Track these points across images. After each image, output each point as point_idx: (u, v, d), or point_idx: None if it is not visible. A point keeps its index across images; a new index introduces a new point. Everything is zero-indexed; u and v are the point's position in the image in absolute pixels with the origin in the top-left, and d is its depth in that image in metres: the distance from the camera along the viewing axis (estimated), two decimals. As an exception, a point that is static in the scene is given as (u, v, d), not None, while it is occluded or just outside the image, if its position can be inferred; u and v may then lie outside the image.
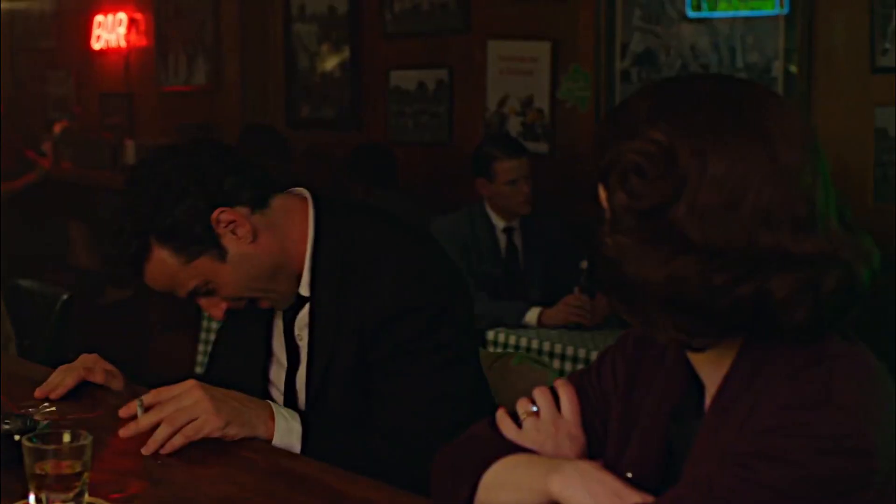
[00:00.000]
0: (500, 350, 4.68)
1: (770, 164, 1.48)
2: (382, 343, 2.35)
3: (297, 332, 2.47)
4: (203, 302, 2.39)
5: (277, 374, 2.53)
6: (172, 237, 2.30)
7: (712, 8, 5.21)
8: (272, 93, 7.67)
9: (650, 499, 1.58)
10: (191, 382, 2.24)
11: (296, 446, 2.25)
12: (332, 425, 2.34)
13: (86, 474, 1.84)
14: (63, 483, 1.82)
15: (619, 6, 5.59)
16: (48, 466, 1.82)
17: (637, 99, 1.57)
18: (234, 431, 2.20)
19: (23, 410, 2.31)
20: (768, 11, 5.01)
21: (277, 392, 2.53)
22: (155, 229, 2.30)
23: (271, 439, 2.24)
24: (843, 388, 1.47)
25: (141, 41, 8.41)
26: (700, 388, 1.67)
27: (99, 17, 8.64)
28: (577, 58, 5.82)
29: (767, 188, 1.47)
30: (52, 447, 1.82)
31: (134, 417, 2.21)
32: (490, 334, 4.92)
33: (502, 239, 5.26)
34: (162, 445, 2.15)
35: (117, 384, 2.55)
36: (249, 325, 2.53)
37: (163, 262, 2.32)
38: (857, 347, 1.55)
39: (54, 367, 2.58)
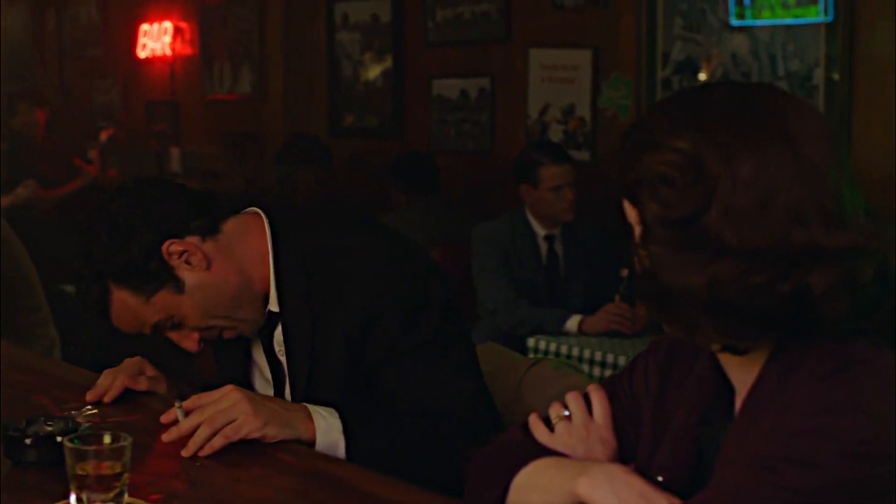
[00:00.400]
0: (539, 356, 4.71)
1: (796, 162, 1.50)
2: (373, 346, 2.36)
3: (276, 348, 2.49)
4: (173, 336, 2.41)
5: (264, 391, 2.55)
6: (128, 277, 2.34)
7: (756, 16, 5.20)
8: (315, 101, 7.72)
9: (678, 502, 1.60)
10: (229, 387, 2.27)
11: (339, 442, 2.27)
12: (369, 415, 2.35)
13: (125, 475, 1.88)
14: (103, 483, 1.85)
15: (660, 15, 5.60)
16: (89, 467, 1.86)
17: (656, 112, 1.60)
18: (273, 432, 2.22)
19: (65, 413, 2.35)
20: (812, 19, 5.00)
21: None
22: (110, 273, 2.34)
23: (313, 440, 2.26)
24: (869, 393, 1.49)
25: (186, 50, 8.48)
26: (731, 392, 1.69)
27: (145, 27, 8.72)
28: (618, 66, 5.83)
29: (796, 186, 1.50)
30: (92, 448, 1.86)
31: (175, 423, 2.24)
32: (531, 341, 4.94)
33: (543, 246, 5.28)
34: (202, 447, 2.18)
35: (161, 388, 2.59)
36: (230, 343, 2.53)
37: (124, 303, 2.36)
38: (884, 353, 1.56)
39: (99, 371, 2.62)
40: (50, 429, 2.16)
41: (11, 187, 7.30)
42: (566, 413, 1.85)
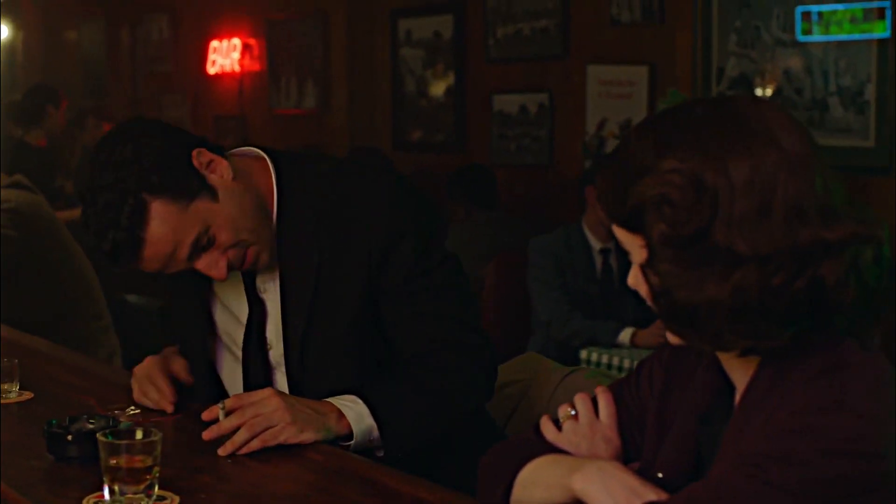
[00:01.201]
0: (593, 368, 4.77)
1: (784, 159, 1.56)
2: (392, 268, 2.45)
3: (259, 286, 2.53)
4: (204, 261, 2.37)
5: (233, 335, 2.59)
6: (167, 186, 2.30)
7: (823, 32, 5.23)
8: (379, 116, 7.84)
9: (665, 496, 1.66)
10: (269, 391, 2.34)
11: (373, 426, 2.35)
12: (388, 388, 2.43)
13: (156, 468, 1.98)
14: (134, 476, 1.96)
15: (715, 31, 5.64)
16: (122, 460, 1.96)
17: (639, 138, 1.64)
18: (307, 437, 2.30)
19: (109, 412, 2.45)
20: (879, 34, 5.01)
21: (231, 354, 2.61)
22: (148, 185, 2.29)
23: (350, 433, 2.33)
24: (855, 393, 1.54)
25: (254, 66, 8.64)
26: (732, 392, 1.75)
27: (214, 43, 8.89)
28: (674, 81, 5.88)
29: (790, 182, 1.55)
30: (124, 443, 1.97)
31: (215, 421, 2.33)
32: (583, 353, 5.01)
33: (598, 260, 5.33)
34: (239, 448, 2.27)
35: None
36: (188, 301, 2.60)
37: (163, 216, 2.30)
38: (874, 356, 1.62)
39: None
40: (91, 426, 2.26)
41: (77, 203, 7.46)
42: (573, 413, 1.92)
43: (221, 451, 2.25)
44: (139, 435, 2.00)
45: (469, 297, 2.59)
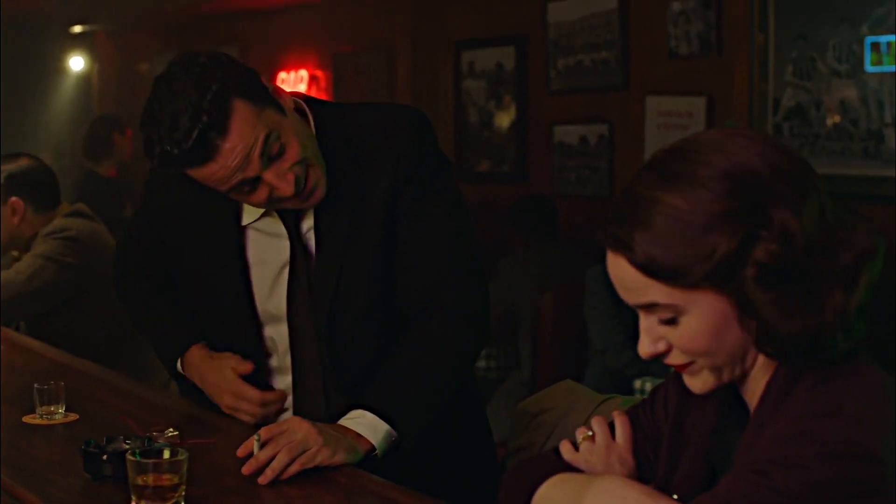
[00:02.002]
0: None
1: (818, 181, 1.68)
2: (412, 187, 2.56)
3: (304, 231, 2.62)
4: (273, 171, 2.42)
5: (276, 285, 2.67)
6: (242, 89, 2.37)
7: (892, 62, 5.24)
8: (442, 147, 7.88)
9: None
10: (296, 418, 2.42)
11: (390, 430, 2.44)
12: (384, 385, 2.52)
13: (182, 486, 2.06)
14: (160, 494, 2.03)
15: (771, 62, 5.66)
16: (149, 479, 2.04)
17: (647, 190, 1.67)
18: (340, 458, 2.36)
19: (148, 434, 2.53)
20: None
21: (276, 299, 2.68)
22: (229, 85, 2.34)
23: (374, 449, 2.42)
24: (854, 401, 1.59)
25: (321, 97, 8.74)
26: (746, 412, 1.78)
27: (282, 75, 9.03)
28: (731, 112, 5.90)
29: (829, 204, 1.66)
30: (151, 461, 2.04)
31: (250, 456, 2.37)
32: (637, 382, 5.02)
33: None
34: (279, 474, 2.31)
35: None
36: (217, 235, 2.69)
37: (243, 113, 2.35)
38: (869, 366, 1.67)
39: (197, 401, 2.82)
40: (127, 447, 2.34)
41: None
42: (590, 434, 1.97)
43: (262, 480, 2.29)
44: (166, 454, 2.07)
45: (468, 228, 2.69)
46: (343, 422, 2.46)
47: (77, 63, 12.58)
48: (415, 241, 2.59)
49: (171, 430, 2.61)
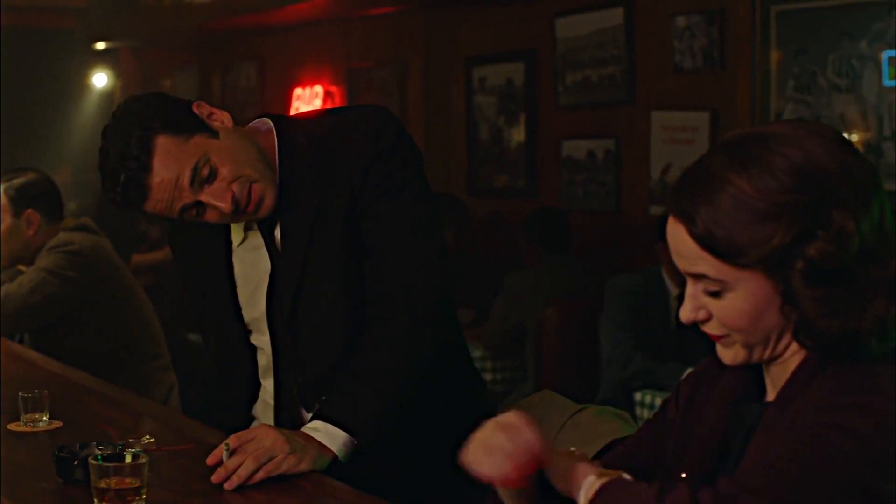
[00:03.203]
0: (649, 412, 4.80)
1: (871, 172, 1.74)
2: (370, 184, 2.58)
3: (277, 238, 2.68)
4: (208, 193, 2.52)
5: (256, 294, 2.74)
6: (166, 125, 2.50)
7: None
8: (454, 161, 7.98)
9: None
10: (263, 426, 2.51)
11: (348, 438, 2.50)
12: (341, 397, 2.57)
13: (143, 490, 2.12)
14: (121, 496, 2.10)
15: (773, 77, 5.71)
16: (112, 482, 2.10)
17: (720, 169, 1.71)
18: (305, 466, 2.44)
19: (125, 441, 2.59)
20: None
21: (257, 307, 2.74)
22: (149, 126, 2.49)
23: (335, 456, 2.49)
24: (888, 380, 1.65)
25: (335, 113, 8.83)
26: (760, 398, 1.83)
27: (298, 91, 9.12)
28: (734, 127, 5.89)
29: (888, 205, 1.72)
30: (112, 465, 2.11)
31: (219, 464, 2.42)
32: (638, 395, 5.05)
33: (674, 306, 5.33)
34: (245, 480, 2.37)
35: None
36: (210, 262, 2.78)
37: (166, 147, 2.49)
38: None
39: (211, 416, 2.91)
40: (99, 452, 2.40)
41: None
42: None
43: (228, 486, 2.35)
44: (128, 459, 2.14)
45: (430, 224, 2.69)
46: (305, 430, 2.53)
47: (100, 79, 12.73)
48: (373, 240, 2.64)
49: (147, 437, 2.68)
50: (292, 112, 9.10)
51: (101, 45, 11.62)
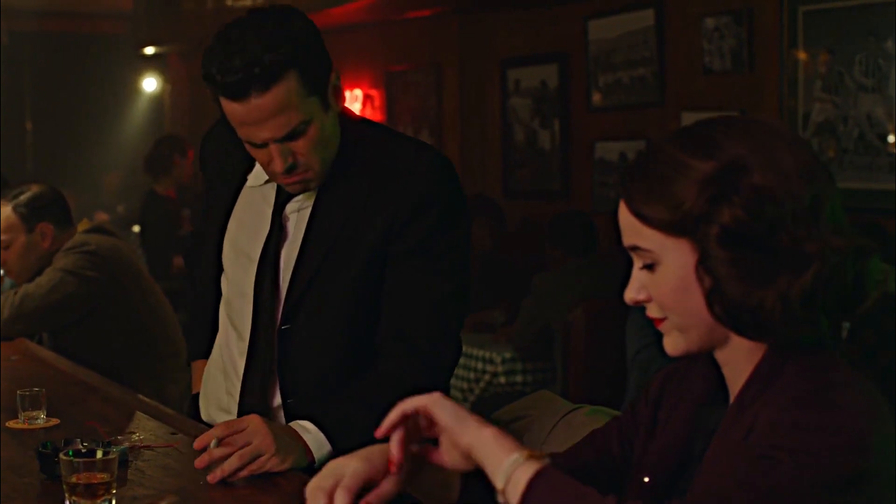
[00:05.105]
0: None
1: (819, 166, 1.73)
2: (408, 233, 2.61)
3: (287, 212, 2.70)
4: (282, 148, 2.52)
5: (246, 246, 2.77)
6: (307, 67, 2.47)
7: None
8: (490, 164, 7.99)
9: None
10: (256, 418, 2.49)
11: (330, 451, 2.51)
12: (341, 410, 2.58)
13: (114, 484, 2.15)
14: (91, 491, 2.13)
15: (801, 77, 5.68)
16: (82, 477, 2.14)
17: (665, 148, 1.74)
18: (288, 465, 2.46)
19: (112, 438, 2.63)
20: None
21: (247, 258, 2.76)
22: (294, 57, 2.45)
23: (314, 461, 2.50)
24: (846, 393, 1.65)
25: (375, 116, 8.88)
26: (725, 400, 1.83)
27: (339, 94, 9.16)
28: (763, 128, 5.91)
29: (830, 186, 1.72)
30: (82, 460, 2.14)
31: (205, 449, 2.45)
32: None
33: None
34: (228, 476, 2.39)
35: None
36: (213, 217, 2.85)
37: (288, 86, 2.45)
38: (847, 365, 1.73)
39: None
40: (83, 449, 2.44)
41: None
42: None
43: (211, 479, 2.37)
44: (99, 454, 2.17)
45: (463, 289, 2.71)
46: (294, 425, 2.55)
47: (150, 84, 12.87)
48: (407, 282, 2.64)
49: (136, 434, 2.71)
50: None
51: (149, 50, 11.73)
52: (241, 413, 2.72)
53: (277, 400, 2.72)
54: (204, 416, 2.89)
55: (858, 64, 5.39)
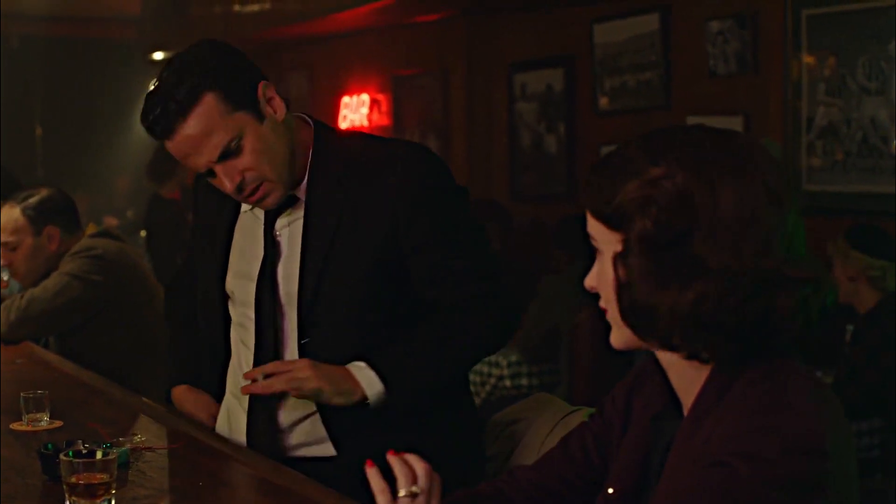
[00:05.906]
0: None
1: (766, 193, 1.69)
2: (419, 223, 2.65)
3: (277, 230, 2.74)
4: (223, 167, 2.57)
5: (249, 270, 2.80)
6: (224, 86, 2.54)
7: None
8: (496, 168, 8.01)
9: None
10: (305, 361, 2.61)
11: (381, 391, 2.61)
12: (392, 348, 2.67)
13: (113, 485, 2.18)
14: (91, 491, 2.15)
15: (805, 81, 5.69)
16: (82, 477, 2.16)
17: (637, 146, 1.76)
18: (326, 398, 2.60)
19: (114, 440, 2.66)
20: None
21: (249, 280, 2.79)
22: (207, 79, 2.53)
23: (366, 397, 2.60)
24: (798, 396, 1.66)
25: (382, 120, 8.91)
26: (679, 410, 1.83)
27: (346, 99, 9.21)
28: (767, 131, 5.93)
29: (769, 217, 1.68)
30: (82, 461, 2.17)
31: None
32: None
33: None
34: (265, 391, 2.59)
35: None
36: (210, 243, 2.88)
37: (210, 106, 2.53)
38: (803, 367, 1.74)
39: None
40: (84, 450, 2.46)
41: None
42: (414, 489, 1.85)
43: (244, 391, 2.61)
44: (99, 455, 2.20)
45: (487, 245, 2.80)
46: (350, 366, 2.63)
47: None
48: (437, 252, 2.68)
49: (138, 436, 2.74)
50: (340, 121, 9.20)
51: (158, 55, 11.76)
52: (250, 427, 2.77)
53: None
54: None
55: (862, 67, 5.41)
